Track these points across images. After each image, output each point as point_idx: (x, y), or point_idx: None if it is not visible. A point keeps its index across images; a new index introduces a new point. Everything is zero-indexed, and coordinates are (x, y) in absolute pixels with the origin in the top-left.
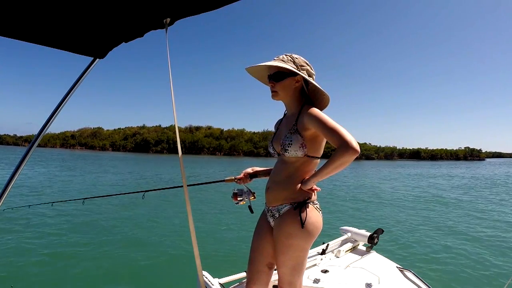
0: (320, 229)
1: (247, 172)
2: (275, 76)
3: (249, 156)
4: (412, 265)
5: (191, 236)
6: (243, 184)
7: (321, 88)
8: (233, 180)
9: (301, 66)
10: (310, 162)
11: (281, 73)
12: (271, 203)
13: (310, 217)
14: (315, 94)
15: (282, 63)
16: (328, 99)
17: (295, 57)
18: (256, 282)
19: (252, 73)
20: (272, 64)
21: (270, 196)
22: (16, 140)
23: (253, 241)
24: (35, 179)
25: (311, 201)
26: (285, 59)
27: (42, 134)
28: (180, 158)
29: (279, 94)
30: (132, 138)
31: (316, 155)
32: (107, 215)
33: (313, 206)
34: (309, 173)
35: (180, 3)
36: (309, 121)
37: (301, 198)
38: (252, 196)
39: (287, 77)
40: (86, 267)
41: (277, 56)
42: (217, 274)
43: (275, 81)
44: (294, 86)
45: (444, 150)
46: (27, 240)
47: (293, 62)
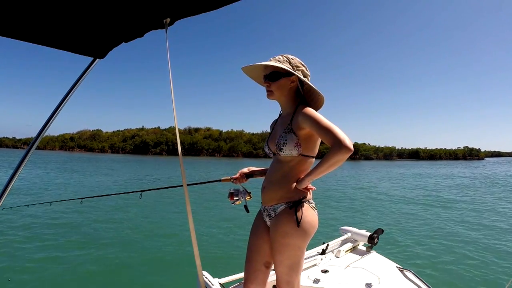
0: (316, 228)
1: (243, 172)
2: (270, 76)
3: (248, 157)
4: (412, 265)
5: (191, 236)
6: (239, 184)
7: (316, 88)
8: (229, 180)
9: (296, 67)
10: (305, 161)
11: (276, 73)
12: (267, 202)
13: (306, 216)
14: (310, 95)
15: (277, 63)
16: (323, 99)
17: (290, 57)
18: (254, 282)
19: (247, 72)
20: (268, 64)
21: (266, 195)
22: (15, 142)
23: (249, 241)
24: (33, 181)
25: (307, 200)
26: (281, 60)
27: (42, 135)
28: (180, 158)
29: (274, 94)
30: (131, 140)
31: (311, 154)
32: (106, 215)
33: (309, 205)
34: (304, 172)
35: (180, 3)
36: (303, 120)
37: (296, 197)
38: (248, 196)
39: (282, 77)
40: (85, 267)
41: (273, 56)
42: (217, 274)
43: (270, 81)
44: (289, 86)
45: (443, 150)
46: (26, 240)
47: (288, 62)
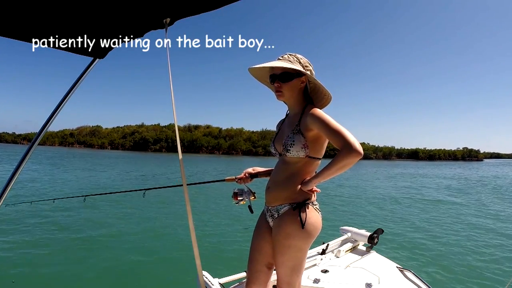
0: (319, 230)
1: (248, 172)
2: (282, 76)
3: (248, 155)
4: (412, 265)
5: (191, 236)
6: (244, 184)
7: (324, 86)
8: (233, 180)
9: (305, 67)
10: (311, 163)
11: (288, 74)
12: (271, 203)
13: (310, 218)
14: (315, 93)
15: (289, 64)
16: (330, 97)
17: (299, 57)
18: (256, 282)
19: (253, 73)
20: (281, 65)
21: (270, 196)
22: (15, 138)
23: (252, 241)
24: (35, 178)
25: (311, 201)
26: (292, 60)
27: (43, 132)
28: (180, 159)
29: (285, 95)
30: (131, 137)
31: (317, 156)
32: (106, 214)
33: (313, 207)
34: (310, 174)
35: (180, 3)
36: (312, 122)
37: (300, 199)
38: (252, 196)
39: (294, 77)
40: (85, 266)
41: (281, 55)
42: (217, 274)
43: (282, 81)
44: (299, 86)
45: (442, 150)
46: (29, 236)
47: (298, 62)
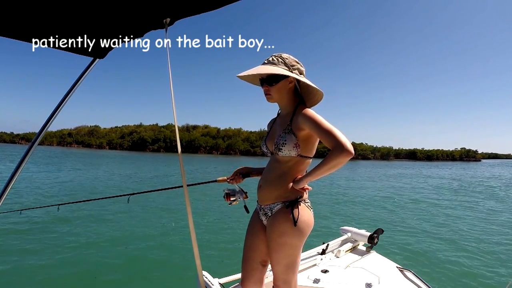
0: (311, 227)
1: (239, 171)
2: (268, 80)
3: (246, 155)
4: (412, 265)
5: (191, 236)
6: (236, 183)
7: (314, 85)
8: (225, 180)
9: (292, 66)
10: (302, 161)
11: (274, 77)
12: (263, 201)
13: (302, 215)
14: (306, 90)
15: (273, 67)
16: (321, 95)
17: (285, 57)
18: (251, 280)
19: (244, 78)
20: (264, 72)
21: (262, 194)
22: (13, 138)
23: (246, 240)
24: (38, 179)
25: (303, 199)
26: (276, 62)
27: (43, 133)
28: (180, 159)
29: (274, 97)
30: (129, 137)
31: (309, 155)
32: (105, 214)
33: (305, 205)
34: (301, 172)
35: (180, 3)
36: (303, 122)
37: (293, 197)
38: (244, 196)
39: (280, 80)
40: (85, 266)
41: (266, 58)
42: (217, 274)
43: (269, 85)
44: (288, 87)
45: (440, 150)
46: (22, 242)
47: (284, 63)
